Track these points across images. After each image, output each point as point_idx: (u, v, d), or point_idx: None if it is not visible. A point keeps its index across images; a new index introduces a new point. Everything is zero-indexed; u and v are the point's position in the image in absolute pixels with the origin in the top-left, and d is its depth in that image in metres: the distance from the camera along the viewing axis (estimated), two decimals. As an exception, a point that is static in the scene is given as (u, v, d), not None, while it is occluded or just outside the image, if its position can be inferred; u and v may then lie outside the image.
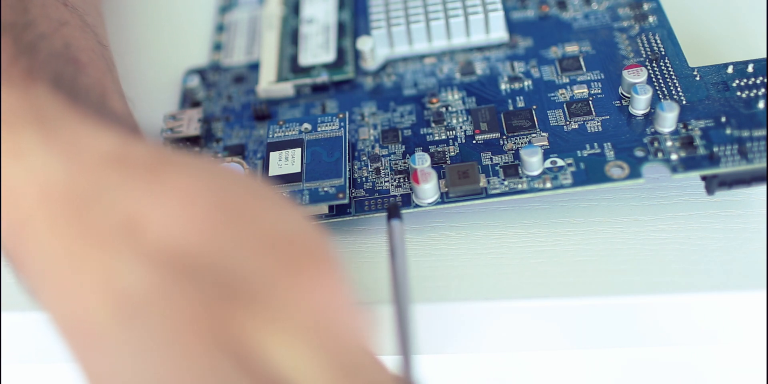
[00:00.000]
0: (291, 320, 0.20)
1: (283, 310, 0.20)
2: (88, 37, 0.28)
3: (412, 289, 0.28)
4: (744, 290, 0.27)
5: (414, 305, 0.25)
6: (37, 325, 0.29)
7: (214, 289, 0.20)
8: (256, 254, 0.20)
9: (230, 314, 0.19)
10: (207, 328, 0.19)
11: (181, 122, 0.33)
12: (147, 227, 0.20)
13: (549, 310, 0.27)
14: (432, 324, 0.28)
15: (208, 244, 0.20)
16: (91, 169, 0.21)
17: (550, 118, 0.30)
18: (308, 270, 0.20)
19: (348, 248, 0.30)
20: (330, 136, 0.31)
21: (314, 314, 0.20)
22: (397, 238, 0.26)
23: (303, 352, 0.19)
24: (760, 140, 0.27)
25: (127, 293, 0.20)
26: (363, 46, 0.34)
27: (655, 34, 0.32)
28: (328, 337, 0.20)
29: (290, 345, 0.19)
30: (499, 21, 0.33)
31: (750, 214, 0.29)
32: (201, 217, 0.20)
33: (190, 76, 0.36)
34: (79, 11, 0.28)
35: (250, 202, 0.22)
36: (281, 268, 0.20)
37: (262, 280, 0.20)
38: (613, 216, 0.29)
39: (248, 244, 0.20)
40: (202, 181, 0.21)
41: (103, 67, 0.27)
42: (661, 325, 0.28)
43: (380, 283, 0.27)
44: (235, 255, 0.20)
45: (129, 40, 0.39)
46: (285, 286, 0.20)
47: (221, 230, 0.20)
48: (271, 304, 0.20)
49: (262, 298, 0.20)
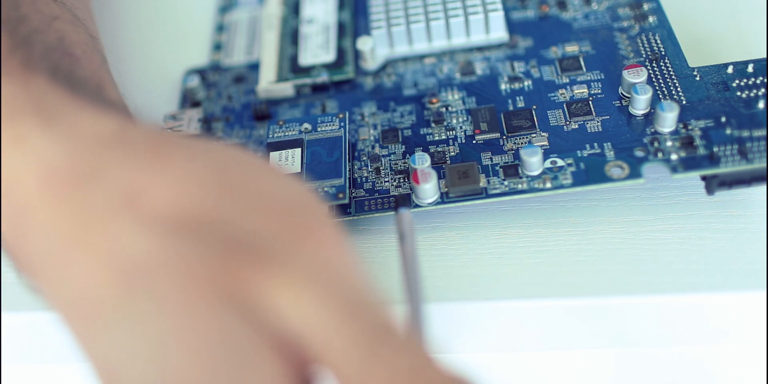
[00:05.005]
0: (297, 272, 0.19)
1: (289, 263, 0.20)
2: (79, 30, 0.28)
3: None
4: (744, 290, 0.27)
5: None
6: (37, 325, 0.29)
7: (218, 246, 0.20)
8: (260, 215, 0.20)
9: (236, 269, 0.19)
10: (213, 285, 0.19)
11: (181, 122, 0.33)
12: (148, 196, 0.20)
13: (549, 310, 0.27)
14: (432, 324, 0.28)
15: (212, 206, 0.20)
16: (91, 149, 0.21)
17: (550, 118, 0.30)
18: (312, 231, 0.21)
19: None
20: (330, 136, 0.31)
21: (320, 266, 0.20)
22: (406, 226, 0.26)
23: (311, 302, 0.19)
24: (760, 140, 0.27)
25: (130, 261, 0.19)
26: (363, 46, 0.34)
27: (655, 34, 0.32)
28: (334, 287, 0.20)
29: (298, 296, 0.19)
30: (499, 21, 0.33)
31: (750, 214, 0.29)
32: (203, 185, 0.21)
33: (190, 76, 0.36)
34: (68, 5, 0.29)
35: (250, 173, 0.22)
36: (285, 227, 0.20)
37: (267, 237, 0.20)
38: (613, 216, 0.29)
39: (251, 207, 0.21)
40: (201, 157, 0.22)
41: (97, 59, 0.27)
42: (661, 325, 0.28)
43: (382, 283, 0.27)
44: (239, 216, 0.20)
45: (129, 40, 0.39)
46: (290, 242, 0.20)
47: (224, 195, 0.21)
48: (277, 258, 0.20)
49: (267, 252, 0.20)
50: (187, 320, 0.19)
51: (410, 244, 0.25)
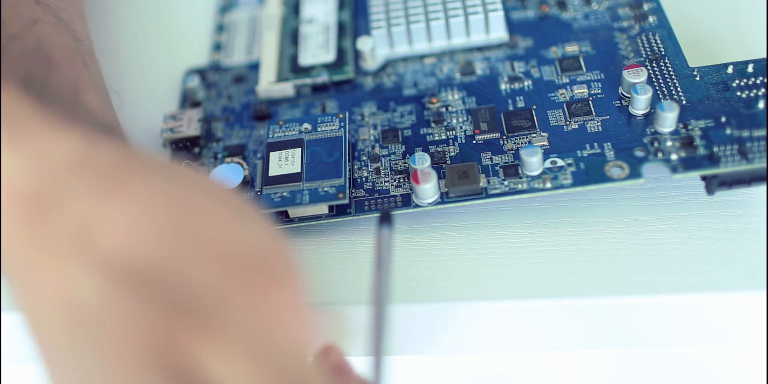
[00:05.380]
0: (235, 336, 0.20)
1: (228, 327, 0.20)
2: (61, 33, 0.28)
3: (408, 290, 0.28)
4: (744, 290, 0.27)
5: (393, 310, 0.25)
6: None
7: (162, 303, 0.20)
8: (209, 268, 0.21)
9: (176, 331, 0.20)
10: (151, 345, 0.20)
11: (181, 122, 0.33)
12: (102, 235, 0.20)
13: (549, 310, 0.27)
14: (432, 324, 0.28)
15: (162, 256, 0.20)
16: (53, 174, 0.21)
17: (550, 118, 0.30)
18: (259, 283, 0.21)
19: (348, 248, 0.30)
20: (330, 136, 0.31)
21: (260, 330, 0.20)
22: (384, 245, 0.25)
23: (243, 368, 0.19)
24: (760, 140, 0.27)
25: (77, 303, 0.20)
26: (363, 46, 0.34)
27: (655, 34, 0.32)
28: (270, 353, 0.20)
29: (231, 361, 0.19)
30: (499, 21, 0.33)
31: (750, 214, 0.29)
32: (157, 227, 0.21)
33: (190, 76, 0.36)
34: (53, 8, 0.28)
35: (209, 214, 0.22)
36: (232, 282, 0.21)
37: (212, 295, 0.20)
38: (613, 216, 0.29)
39: (202, 258, 0.21)
40: (163, 190, 0.21)
41: (78, 62, 0.27)
42: (661, 325, 0.28)
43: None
44: (188, 268, 0.20)
45: (129, 40, 0.39)
46: (234, 301, 0.20)
47: (176, 242, 0.21)
48: (217, 321, 0.20)
49: (208, 314, 0.20)
50: (120, 376, 0.20)
51: (385, 273, 0.25)
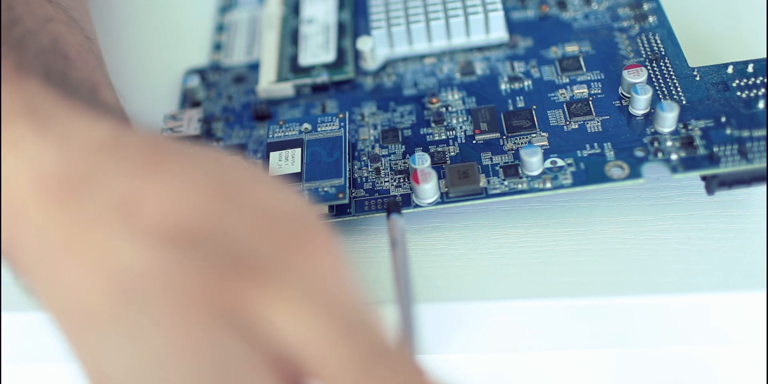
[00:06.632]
0: (293, 288, 0.19)
1: (284, 279, 0.20)
2: (74, 32, 0.28)
3: (415, 286, 0.28)
4: (744, 290, 0.27)
5: (416, 300, 0.25)
6: (37, 325, 0.29)
7: (213, 260, 0.19)
8: (256, 227, 0.20)
9: (231, 285, 0.19)
10: (208, 301, 0.19)
11: (181, 122, 0.33)
12: (143, 206, 0.20)
13: (549, 310, 0.27)
14: (432, 324, 0.28)
15: (208, 220, 0.20)
16: (86, 154, 0.21)
17: (550, 118, 0.30)
18: (307, 242, 0.21)
19: (348, 248, 0.30)
20: (330, 136, 0.31)
21: (317, 280, 0.20)
22: (398, 232, 0.26)
23: (307, 318, 0.19)
24: (760, 140, 0.27)
25: (123, 272, 0.19)
26: (363, 46, 0.34)
27: (655, 34, 0.32)
28: (330, 303, 0.20)
29: (294, 312, 0.19)
30: (499, 21, 0.33)
31: (750, 214, 0.29)
32: (199, 196, 0.20)
33: (190, 76, 0.36)
34: (64, 7, 0.28)
35: (246, 183, 0.22)
36: (281, 239, 0.20)
37: (263, 250, 0.20)
38: (613, 216, 0.29)
39: (248, 219, 0.20)
40: (198, 166, 0.21)
41: (92, 61, 0.27)
42: (661, 325, 0.28)
43: (381, 283, 0.27)
44: (235, 228, 0.20)
45: (129, 40, 0.39)
46: (286, 255, 0.20)
47: (220, 207, 0.20)
48: (272, 274, 0.20)
49: (262, 268, 0.20)
50: (181, 336, 0.19)
51: (402, 251, 0.25)
